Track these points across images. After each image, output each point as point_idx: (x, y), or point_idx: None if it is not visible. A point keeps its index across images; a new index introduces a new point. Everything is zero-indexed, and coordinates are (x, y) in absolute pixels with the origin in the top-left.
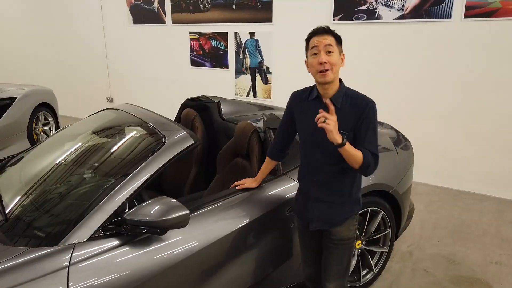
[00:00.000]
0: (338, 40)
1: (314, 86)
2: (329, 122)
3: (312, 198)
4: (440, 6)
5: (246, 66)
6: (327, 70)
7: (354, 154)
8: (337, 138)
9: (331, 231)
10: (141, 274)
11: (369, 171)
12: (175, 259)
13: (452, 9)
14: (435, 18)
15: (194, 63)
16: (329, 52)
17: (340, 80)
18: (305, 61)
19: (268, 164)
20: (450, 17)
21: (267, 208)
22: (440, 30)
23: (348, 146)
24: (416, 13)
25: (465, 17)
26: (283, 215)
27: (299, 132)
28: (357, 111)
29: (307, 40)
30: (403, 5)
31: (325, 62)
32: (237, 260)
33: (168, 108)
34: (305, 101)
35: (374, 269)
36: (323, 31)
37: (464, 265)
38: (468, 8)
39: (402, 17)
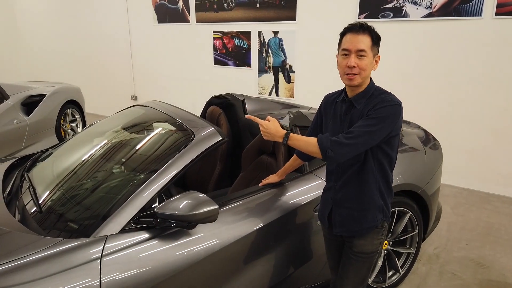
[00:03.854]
0: (375, 40)
1: (345, 88)
2: (263, 132)
3: (335, 202)
4: (470, 3)
5: (269, 65)
6: (354, 74)
7: (304, 145)
8: (277, 139)
9: (354, 242)
10: (170, 267)
11: (329, 156)
12: (202, 254)
13: (483, 7)
14: (465, 16)
15: (217, 62)
16: (361, 56)
17: (372, 81)
18: (336, 56)
19: (293, 162)
20: (480, 15)
21: (293, 206)
22: (470, 29)
23: (293, 141)
24: (445, 11)
25: (496, 14)
26: (309, 214)
27: (324, 132)
28: (367, 109)
29: (341, 35)
30: (431, 3)
31: (353, 67)
32: (262, 257)
33: (191, 107)
34: (334, 103)
35: (401, 271)
36: (358, 28)
37: (494, 269)
38: (499, 5)
39: (430, 15)
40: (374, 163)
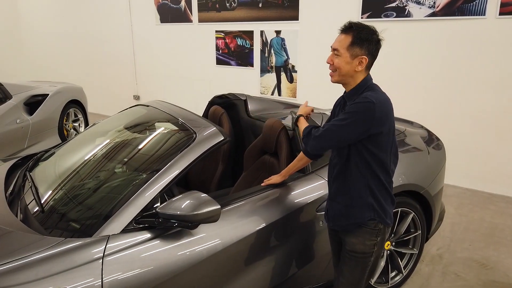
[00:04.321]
0: (357, 40)
1: None
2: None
3: (329, 196)
4: (474, 3)
5: (272, 64)
6: (332, 71)
7: (299, 129)
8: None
9: (346, 240)
10: (172, 267)
11: (304, 142)
12: (205, 254)
13: (486, 6)
14: (468, 15)
15: (219, 61)
16: (336, 55)
17: (364, 79)
18: None
19: (297, 162)
20: (484, 15)
21: (295, 207)
22: (473, 28)
23: (298, 122)
24: (448, 10)
25: (500, 14)
26: (312, 214)
27: None
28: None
29: None
30: (434, 2)
31: (329, 64)
32: (265, 258)
33: (194, 106)
34: (340, 103)
35: (403, 271)
36: (344, 28)
37: (498, 270)
38: (503, 4)
39: (433, 14)
40: (359, 161)
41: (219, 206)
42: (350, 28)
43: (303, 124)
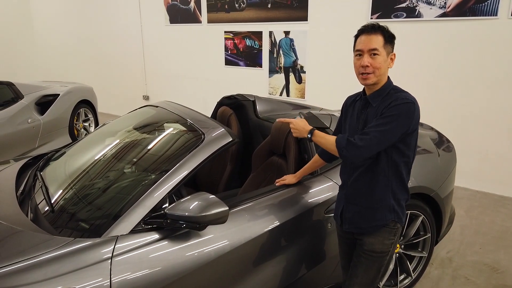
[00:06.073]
0: (388, 39)
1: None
2: (293, 129)
3: (346, 199)
4: (485, 3)
5: (280, 65)
6: (368, 74)
7: (324, 142)
8: (303, 135)
9: (364, 240)
10: (180, 268)
11: (344, 154)
12: (213, 255)
13: (498, 6)
14: (480, 16)
15: (228, 62)
16: (374, 55)
17: (389, 79)
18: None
19: (313, 164)
20: (496, 15)
21: (303, 208)
22: (485, 29)
23: (316, 138)
24: (459, 11)
25: None
26: (320, 216)
27: (343, 131)
28: (382, 107)
29: (356, 37)
30: (445, 2)
31: (367, 66)
32: (272, 259)
33: (202, 107)
34: (354, 103)
35: (412, 275)
36: (370, 29)
37: (509, 274)
38: None
39: (444, 15)
40: (388, 163)
41: (227, 208)
42: (377, 28)
43: (325, 135)
